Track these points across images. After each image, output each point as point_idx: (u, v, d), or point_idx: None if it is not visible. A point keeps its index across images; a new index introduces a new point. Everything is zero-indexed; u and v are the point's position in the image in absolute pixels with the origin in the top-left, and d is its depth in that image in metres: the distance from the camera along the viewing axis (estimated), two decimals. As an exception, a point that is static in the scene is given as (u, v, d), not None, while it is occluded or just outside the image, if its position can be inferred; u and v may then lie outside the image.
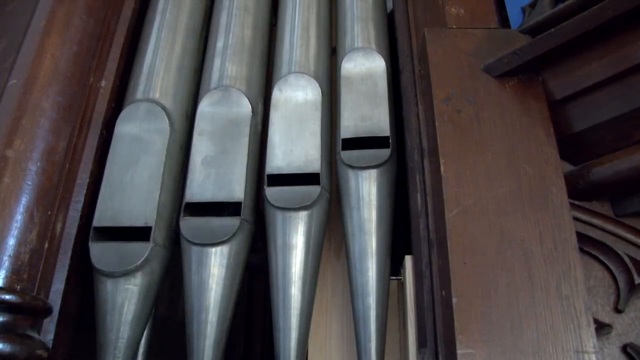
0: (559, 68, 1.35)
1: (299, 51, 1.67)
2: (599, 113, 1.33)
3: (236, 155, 1.53)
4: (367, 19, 1.70)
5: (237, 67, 1.69)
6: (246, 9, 1.83)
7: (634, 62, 1.25)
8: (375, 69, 1.58)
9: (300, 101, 1.58)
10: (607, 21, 1.26)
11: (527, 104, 1.33)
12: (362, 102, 1.53)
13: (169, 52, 1.78)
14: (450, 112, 1.29)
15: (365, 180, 1.46)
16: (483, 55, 1.36)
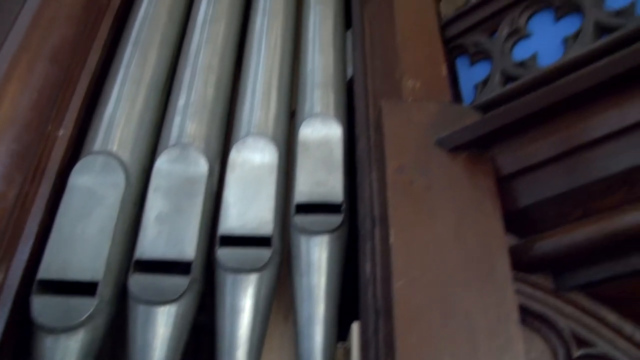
0: (507, 145, 1.41)
1: (259, 113, 1.71)
2: (544, 190, 1.38)
3: (190, 213, 1.53)
4: (327, 85, 1.75)
5: (197, 125, 1.71)
6: (210, 67, 1.87)
7: (577, 143, 1.32)
8: (332, 135, 1.62)
9: (257, 163, 1.60)
10: (551, 104, 1.33)
11: (476, 178, 1.37)
12: (317, 168, 1.56)
13: (131, 105, 1.80)
14: (402, 182, 1.33)
15: (316, 245, 1.48)
16: (436, 129, 1.41)
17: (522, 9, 1.63)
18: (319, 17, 1.99)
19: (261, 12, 2.02)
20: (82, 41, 1.99)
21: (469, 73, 1.67)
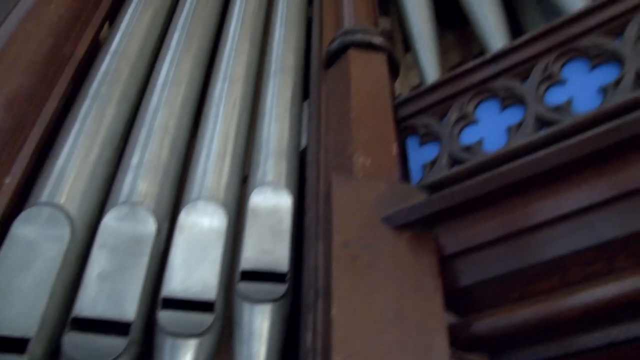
0: (451, 226, 1.46)
1: (212, 178, 1.72)
2: (484, 271, 1.42)
3: (134, 273, 1.51)
4: (280, 154, 1.79)
5: (149, 185, 1.71)
6: (167, 128, 1.89)
7: (517, 228, 1.38)
8: (282, 205, 1.65)
9: (205, 227, 1.61)
10: (493, 189, 1.40)
11: (420, 257, 1.41)
12: (265, 236, 1.58)
13: (83, 159, 1.79)
14: (347, 257, 1.35)
15: (259, 313, 1.48)
16: (383, 206, 1.45)
17: (471, 97, 1.72)
18: (278, 86, 2.05)
19: (222, 78, 2.07)
20: (40, 90, 1.99)
21: (418, 153, 1.74)
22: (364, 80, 1.81)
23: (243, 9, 2.45)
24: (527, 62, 1.67)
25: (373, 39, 1.92)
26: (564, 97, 1.56)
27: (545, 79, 1.62)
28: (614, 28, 1.58)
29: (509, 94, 1.65)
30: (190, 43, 2.25)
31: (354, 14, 2.13)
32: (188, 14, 2.39)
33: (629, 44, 1.53)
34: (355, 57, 1.88)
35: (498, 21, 2.12)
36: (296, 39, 2.30)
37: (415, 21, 2.34)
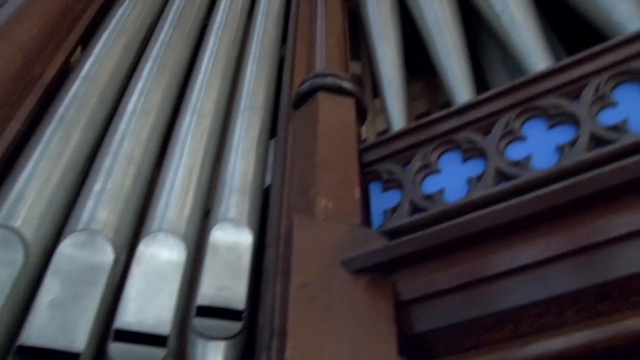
0: (409, 272, 1.48)
1: (174, 210, 1.72)
2: (439, 318, 1.44)
3: (87, 302, 1.49)
4: (244, 191, 1.80)
5: (109, 213, 1.69)
6: (132, 157, 1.88)
7: (472, 278, 1.40)
8: (242, 242, 1.65)
9: (164, 260, 1.59)
10: (451, 239, 1.43)
11: (376, 302, 1.42)
12: (224, 272, 1.57)
13: (44, 182, 1.77)
14: (304, 298, 1.35)
15: (212, 350, 1.46)
16: (343, 250, 1.47)
17: (435, 147, 1.76)
18: (246, 123, 2.06)
19: (191, 111, 2.08)
20: (4, 109, 1.97)
21: (380, 198, 1.77)
22: (332, 123, 1.85)
23: (217, 43, 2.48)
24: (490, 117, 1.73)
25: (343, 84, 1.96)
26: (524, 153, 1.62)
27: (506, 134, 1.67)
28: (572, 91, 1.66)
29: (472, 146, 1.70)
30: (162, 74, 2.26)
31: (326, 57, 2.18)
32: (162, 45, 2.41)
33: (584, 107, 1.60)
34: (325, 100, 1.92)
35: (464, 74, 2.19)
36: (267, 78, 2.33)
37: (385, 68, 2.40)
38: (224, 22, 2.63)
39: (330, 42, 2.28)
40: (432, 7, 2.49)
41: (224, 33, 2.55)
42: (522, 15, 2.21)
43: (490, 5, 2.33)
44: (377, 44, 2.53)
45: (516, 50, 2.12)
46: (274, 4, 2.84)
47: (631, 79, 1.62)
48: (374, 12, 2.69)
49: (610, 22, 1.99)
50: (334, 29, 2.39)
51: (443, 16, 2.44)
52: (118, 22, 2.48)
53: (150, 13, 2.66)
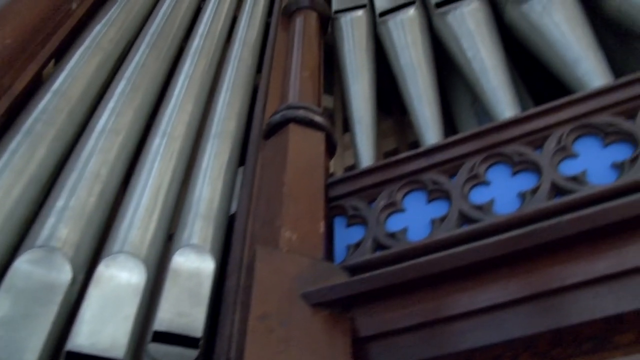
0: (368, 309, 1.49)
1: (137, 233, 1.70)
2: (396, 356, 1.45)
3: (40, 322, 1.45)
4: (209, 218, 1.79)
5: (71, 231, 1.66)
6: (98, 176, 1.86)
7: (431, 318, 1.43)
8: (204, 269, 1.63)
9: (123, 282, 1.57)
10: (412, 278, 1.45)
11: (334, 336, 1.43)
12: (183, 298, 1.55)
13: (4, 195, 1.74)
14: (262, 329, 1.35)
15: (166, 377, 1.44)
16: (304, 283, 1.47)
17: (401, 186, 1.79)
18: (216, 149, 2.06)
19: (161, 133, 2.07)
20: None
21: (344, 233, 1.78)
22: (301, 156, 1.86)
23: (193, 67, 2.48)
24: (456, 160, 1.77)
25: (314, 117, 1.99)
26: (487, 198, 1.66)
27: (471, 178, 1.71)
28: (536, 140, 1.71)
29: (437, 188, 1.74)
30: (135, 94, 2.25)
31: (300, 90, 2.21)
32: (137, 65, 2.40)
33: (547, 157, 1.65)
34: (295, 132, 1.94)
35: (434, 116, 2.25)
36: (240, 105, 2.34)
37: (357, 105, 2.45)
38: (201, 46, 2.64)
39: (304, 75, 2.31)
40: (406, 49, 2.56)
41: (200, 57, 2.56)
42: (493, 62, 2.28)
43: (463, 51, 2.40)
44: (351, 80, 2.58)
45: (485, 96, 2.18)
46: (251, 32, 2.87)
47: (591, 133, 1.68)
48: (350, 49, 2.75)
49: (574, 77, 2.07)
50: (309, 62, 2.43)
51: (417, 58, 2.50)
52: (94, 39, 2.48)
53: (127, 32, 2.66)
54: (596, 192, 1.51)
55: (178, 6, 2.88)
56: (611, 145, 1.64)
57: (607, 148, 1.64)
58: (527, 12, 2.37)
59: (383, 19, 2.81)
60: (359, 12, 2.99)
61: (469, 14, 2.52)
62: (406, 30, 2.65)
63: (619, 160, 1.57)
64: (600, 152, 1.65)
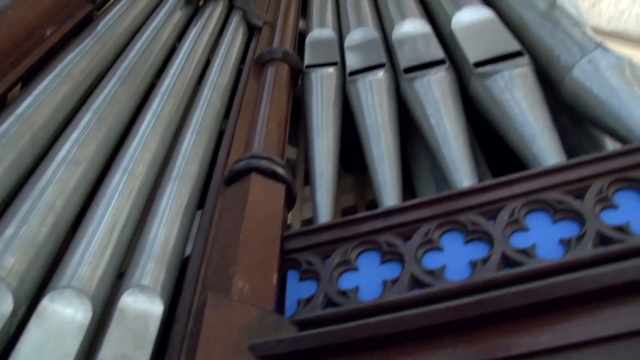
0: (314, 365, 1.49)
1: (87, 268, 1.66)
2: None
3: (-30, 355, 1.40)
4: (162, 260, 1.77)
5: (17, 261, 1.62)
6: (52, 207, 1.83)
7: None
8: (152, 312, 1.60)
9: (67, 318, 1.53)
10: (360, 339, 1.46)
11: (279, 390, 1.42)
12: (128, 340, 1.52)
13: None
14: (206, 378, 1.34)
15: (102, 420, 1.40)
16: (252, 334, 1.47)
17: (356, 245, 1.82)
18: (176, 191, 2.04)
19: (122, 170, 2.05)
20: None
21: (296, 287, 1.79)
22: (260, 206, 1.87)
23: (161, 106, 2.48)
24: (412, 224, 1.81)
25: (277, 169, 2.01)
26: (439, 263, 1.70)
27: (425, 243, 1.75)
28: (490, 211, 1.77)
29: (391, 250, 1.77)
30: (100, 127, 2.23)
31: (265, 140, 2.24)
32: (105, 98, 2.39)
33: (499, 228, 1.70)
34: (257, 182, 1.95)
35: (394, 179, 2.29)
36: (204, 149, 2.35)
37: (319, 159, 2.48)
38: (172, 86, 2.65)
39: (271, 125, 2.34)
40: (372, 109, 2.62)
41: (169, 97, 2.56)
42: (454, 131, 2.35)
43: (427, 117, 2.47)
44: (316, 134, 2.62)
45: (445, 163, 2.25)
46: (223, 77, 2.90)
47: (542, 209, 1.75)
48: (318, 103, 2.80)
49: (530, 153, 2.15)
50: (277, 114, 2.47)
51: (382, 120, 2.56)
52: (65, 67, 2.46)
53: (100, 64, 2.65)
54: (544, 266, 1.56)
55: (153, 44, 2.90)
56: (560, 222, 1.70)
57: (557, 224, 1.71)
58: (491, 86, 2.47)
59: (353, 78, 2.89)
60: (330, 69, 3.06)
61: (436, 82, 2.61)
62: (374, 92, 2.72)
63: (567, 237, 1.64)
64: (549, 228, 1.71)
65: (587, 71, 2.32)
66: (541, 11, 2.82)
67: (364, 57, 3.06)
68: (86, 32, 2.76)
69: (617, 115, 2.10)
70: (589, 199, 1.69)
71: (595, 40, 2.46)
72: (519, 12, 2.97)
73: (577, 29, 2.57)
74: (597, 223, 1.62)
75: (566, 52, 2.48)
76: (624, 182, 1.72)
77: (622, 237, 1.56)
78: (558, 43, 2.56)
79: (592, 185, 1.72)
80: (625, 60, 2.30)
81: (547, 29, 2.69)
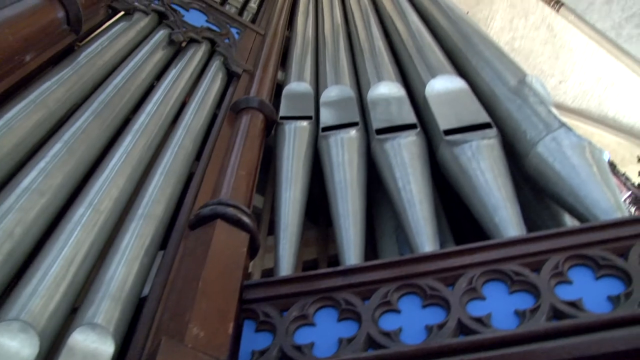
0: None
1: (39, 301, 1.62)
2: None
3: None
4: (118, 299, 1.74)
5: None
6: (10, 235, 1.79)
7: None
8: (102, 351, 1.56)
9: (11, 352, 1.48)
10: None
11: None
12: (73, 380, 1.49)
13: None
14: None
15: None
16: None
17: (314, 300, 1.82)
18: (139, 231, 2.02)
19: (87, 204, 2.03)
20: None
21: (252, 338, 1.77)
22: (222, 253, 1.86)
23: (132, 143, 2.47)
24: (371, 284, 1.83)
25: (243, 218, 2.01)
26: (396, 325, 1.71)
27: (383, 304, 1.77)
28: (449, 277, 1.80)
29: (349, 308, 1.78)
30: (69, 158, 2.21)
31: (233, 187, 2.24)
32: (77, 130, 2.36)
33: (457, 295, 1.73)
34: (221, 229, 1.94)
35: (357, 237, 2.32)
36: (172, 190, 2.33)
37: (285, 211, 2.50)
38: (146, 125, 2.64)
39: (241, 173, 2.35)
40: (342, 167, 2.66)
41: (142, 135, 2.55)
42: (420, 195, 2.40)
43: (395, 179, 2.52)
44: (285, 186, 2.64)
45: (408, 226, 2.28)
46: (197, 121, 2.90)
47: (500, 279, 1.79)
48: (289, 156, 2.83)
49: (492, 223, 2.21)
50: (248, 162, 2.48)
51: (350, 178, 2.60)
52: (40, 95, 2.44)
53: (76, 95, 2.63)
54: (498, 336, 1.59)
55: (131, 80, 2.90)
56: (516, 293, 1.74)
57: (513, 295, 1.74)
58: (458, 154, 2.54)
59: (325, 133, 2.94)
60: (304, 122, 3.11)
61: (406, 145, 2.67)
62: (345, 149, 2.78)
63: (522, 308, 1.67)
64: (505, 298, 1.74)
65: (551, 148, 2.41)
66: (511, 87, 2.93)
67: (339, 114, 3.13)
68: (66, 61, 2.76)
69: (576, 193, 2.18)
70: (545, 273, 1.74)
71: (560, 119, 2.57)
72: (490, 85, 3.09)
73: (543, 107, 2.68)
74: (552, 297, 1.66)
75: (532, 128, 2.58)
76: (579, 259, 1.77)
77: (574, 313, 1.60)
78: (525, 118, 2.67)
79: (549, 259, 1.77)
80: (586, 141, 2.40)
81: (516, 104, 2.80)
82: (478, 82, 3.22)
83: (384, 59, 3.76)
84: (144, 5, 3.58)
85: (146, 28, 3.47)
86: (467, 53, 3.54)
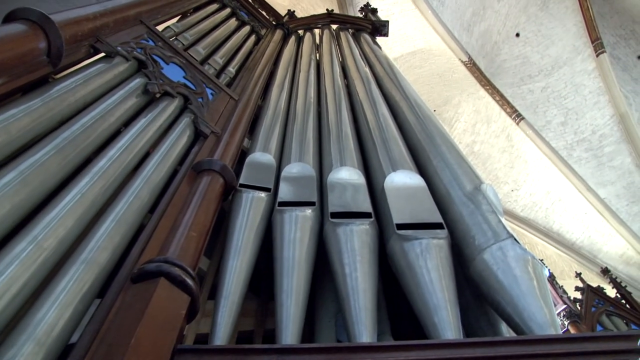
0: None
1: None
2: None
3: None
4: (43, 344, 1.66)
5: None
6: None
7: None
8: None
9: None
10: None
11: None
12: None
13: None
14: None
15: None
16: None
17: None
18: (79, 275, 1.97)
19: (30, 239, 1.95)
20: None
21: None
22: (160, 312, 1.83)
23: (89, 186, 2.42)
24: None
25: (186, 280, 1.98)
26: None
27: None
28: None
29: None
30: (21, 189, 2.11)
31: (182, 247, 2.22)
32: (35, 162, 2.26)
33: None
34: (163, 288, 1.92)
35: (296, 316, 2.32)
36: (120, 240, 2.29)
37: (229, 280, 2.48)
38: (105, 169, 2.60)
39: (191, 234, 2.34)
40: (292, 244, 2.68)
41: (100, 178, 2.51)
42: (365, 284, 2.42)
43: (342, 264, 2.54)
44: (232, 255, 2.64)
45: (349, 313, 2.29)
46: (157, 173, 2.89)
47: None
48: (242, 225, 2.84)
49: (431, 322, 2.24)
50: (200, 224, 2.47)
51: (299, 256, 2.62)
52: (3, 121, 2.39)
53: (40, 127, 2.55)
54: None
55: (99, 122, 2.87)
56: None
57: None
58: (408, 250, 2.59)
59: (281, 208, 2.97)
60: (262, 193, 3.14)
61: (358, 233, 2.72)
62: (298, 227, 2.80)
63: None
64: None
65: (496, 257, 2.49)
66: (467, 192, 3.04)
67: (297, 191, 3.17)
68: (37, 92, 2.73)
69: (515, 303, 2.24)
70: (476, 379, 1.76)
71: (509, 230, 2.66)
72: (447, 187, 3.20)
73: (494, 215, 2.78)
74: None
75: (481, 235, 2.67)
76: (510, 369, 1.81)
77: None
78: (476, 224, 2.76)
79: (482, 366, 1.81)
80: (530, 254, 2.49)
81: (469, 209, 2.90)
82: (436, 181, 3.32)
83: (350, 144, 3.86)
84: (127, 51, 3.62)
85: (124, 73, 3.50)
86: (429, 152, 3.67)
